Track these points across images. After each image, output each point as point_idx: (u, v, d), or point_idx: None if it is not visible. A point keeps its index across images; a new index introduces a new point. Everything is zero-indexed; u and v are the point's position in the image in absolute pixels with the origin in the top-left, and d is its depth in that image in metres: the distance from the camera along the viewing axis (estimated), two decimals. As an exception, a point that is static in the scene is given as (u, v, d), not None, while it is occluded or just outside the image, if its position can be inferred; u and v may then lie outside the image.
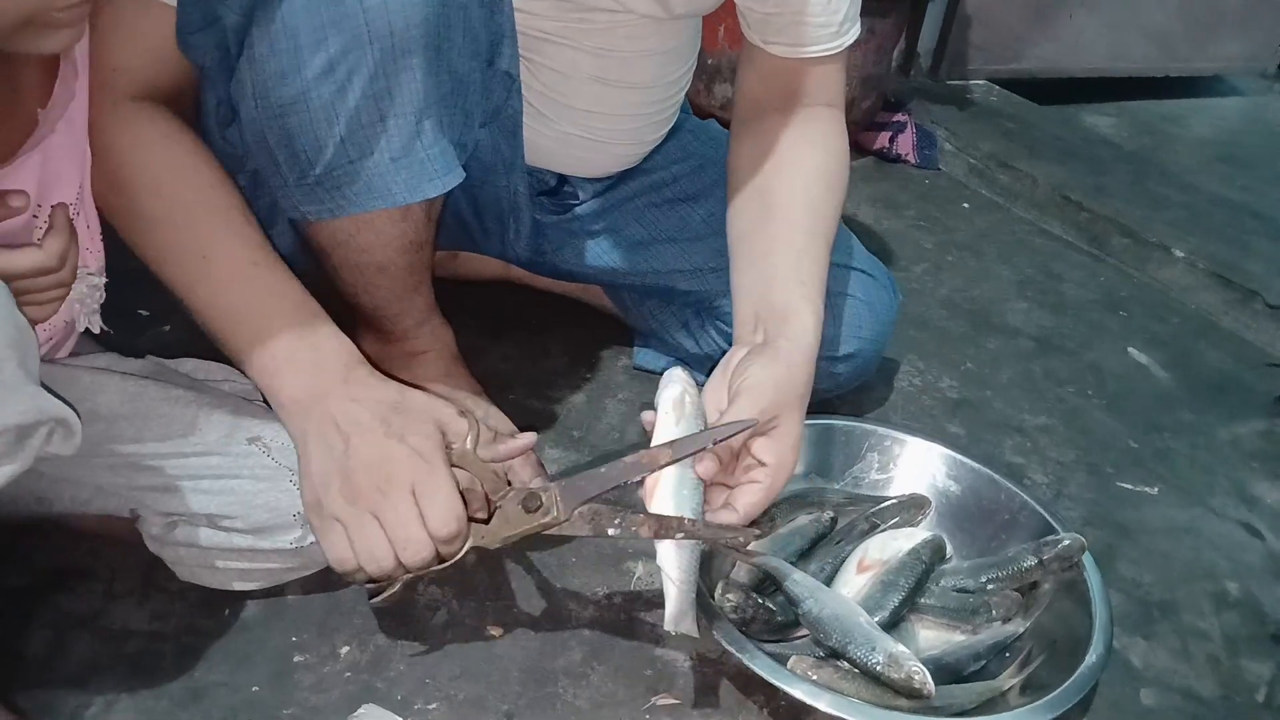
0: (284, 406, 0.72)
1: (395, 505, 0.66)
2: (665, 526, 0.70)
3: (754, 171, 0.89)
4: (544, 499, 0.70)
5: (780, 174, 0.88)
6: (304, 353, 0.71)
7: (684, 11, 0.92)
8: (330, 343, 0.73)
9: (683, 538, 0.71)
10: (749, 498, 0.73)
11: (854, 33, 0.90)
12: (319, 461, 0.69)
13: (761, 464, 0.74)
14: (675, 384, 0.74)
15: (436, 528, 0.67)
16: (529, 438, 0.75)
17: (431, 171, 0.75)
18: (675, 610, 0.71)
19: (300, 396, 0.71)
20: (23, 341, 0.52)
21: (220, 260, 0.72)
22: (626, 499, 0.74)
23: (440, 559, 0.69)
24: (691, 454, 0.70)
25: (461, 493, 0.68)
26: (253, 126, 0.73)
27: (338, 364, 0.72)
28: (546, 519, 0.70)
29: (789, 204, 0.86)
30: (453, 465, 0.69)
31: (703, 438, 0.71)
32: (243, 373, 0.74)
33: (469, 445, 0.70)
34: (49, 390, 0.54)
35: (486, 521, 0.71)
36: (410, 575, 0.69)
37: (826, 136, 0.91)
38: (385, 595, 0.71)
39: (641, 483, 0.72)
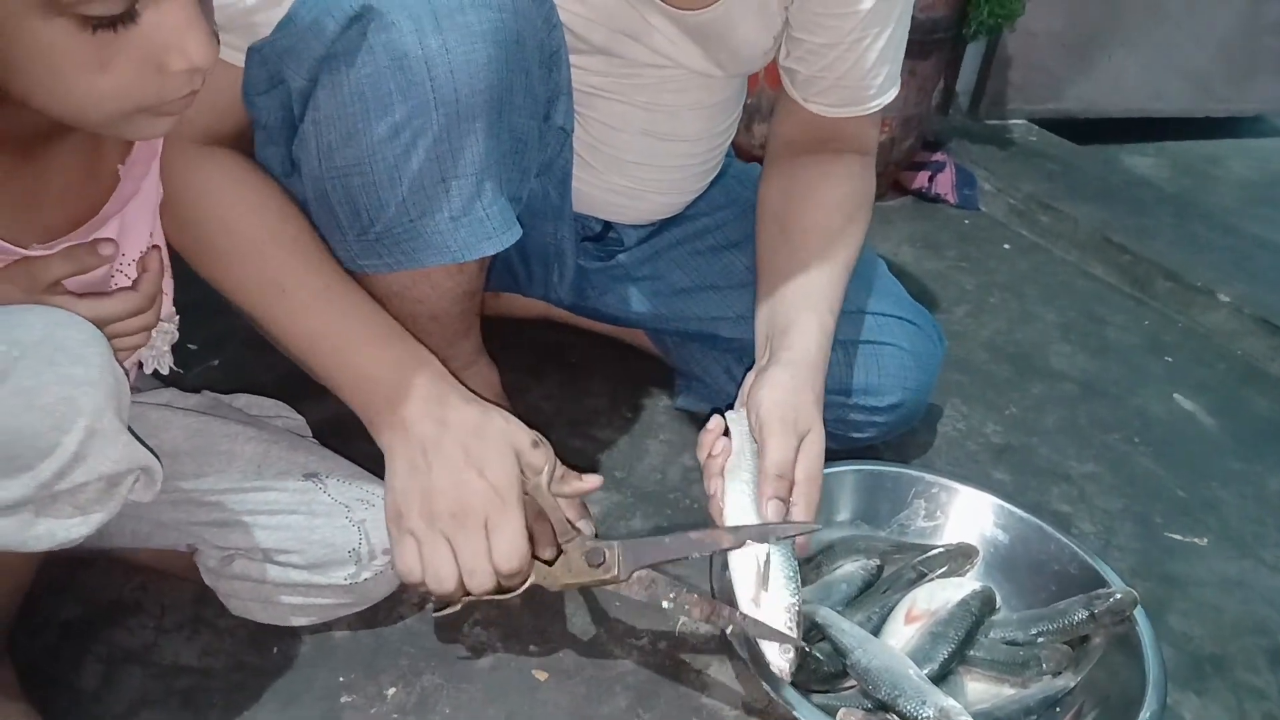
0: (372, 423, 0.74)
1: (469, 536, 0.70)
2: (716, 612, 0.73)
3: (776, 204, 0.94)
4: (607, 556, 0.73)
5: (800, 205, 0.92)
6: (386, 372, 0.73)
7: (735, 71, 0.94)
8: (411, 360, 0.74)
9: (730, 629, 0.73)
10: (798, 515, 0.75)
11: (893, 92, 0.94)
12: (403, 478, 0.72)
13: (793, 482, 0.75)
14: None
15: (501, 563, 0.70)
16: (596, 480, 0.78)
17: (490, 230, 0.76)
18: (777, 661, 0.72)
19: (387, 415, 0.73)
20: (119, 391, 0.54)
21: (295, 289, 0.74)
22: (687, 577, 0.77)
23: (501, 590, 0.72)
24: (750, 540, 0.73)
25: (530, 528, 0.71)
26: (315, 184, 0.75)
27: (420, 381, 0.73)
28: (606, 576, 0.73)
29: (803, 231, 0.90)
30: (525, 495, 0.72)
31: (766, 530, 0.73)
32: (338, 396, 0.76)
33: (544, 480, 0.73)
34: (136, 437, 0.55)
35: (550, 563, 0.74)
36: (471, 599, 0.72)
37: (851, 176, 0.94)
38: (448, 611, 0.75)
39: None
